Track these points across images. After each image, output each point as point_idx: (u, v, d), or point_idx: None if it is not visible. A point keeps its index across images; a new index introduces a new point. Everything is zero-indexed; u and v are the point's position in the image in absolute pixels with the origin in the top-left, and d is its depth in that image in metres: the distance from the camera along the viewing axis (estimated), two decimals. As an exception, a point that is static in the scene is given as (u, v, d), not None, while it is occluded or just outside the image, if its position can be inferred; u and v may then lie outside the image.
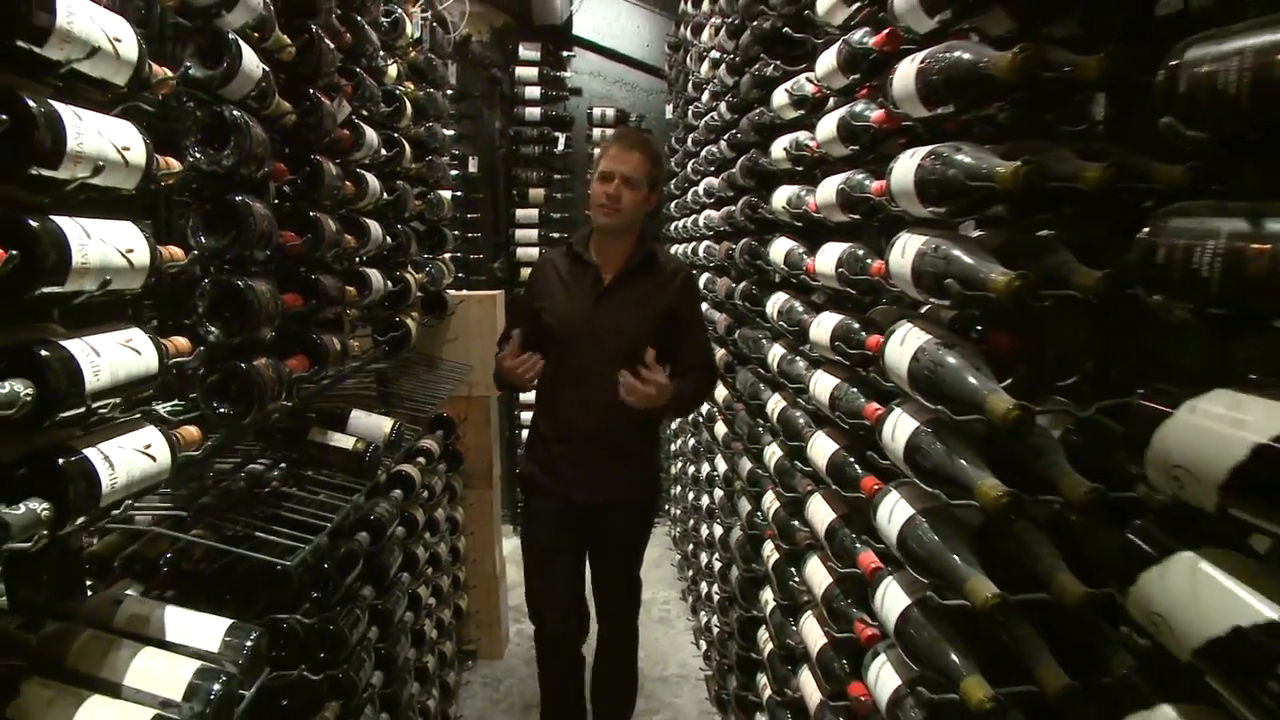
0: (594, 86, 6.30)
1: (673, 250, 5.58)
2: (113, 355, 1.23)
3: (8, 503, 1.10)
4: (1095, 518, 1.24)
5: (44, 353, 1.12)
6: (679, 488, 5.51)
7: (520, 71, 6.06)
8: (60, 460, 1.17)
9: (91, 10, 1.20)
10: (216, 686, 1.42)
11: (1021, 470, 1.33)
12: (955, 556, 1.39)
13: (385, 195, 2.84)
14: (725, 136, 3.65)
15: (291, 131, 2.08)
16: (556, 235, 6.15)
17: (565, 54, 6.11)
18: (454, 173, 5.07)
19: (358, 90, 2.55)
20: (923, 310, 1.75)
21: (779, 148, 2.68)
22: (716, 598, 3.89)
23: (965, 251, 1.38)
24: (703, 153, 4.24)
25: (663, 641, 4.70)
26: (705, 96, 4.16)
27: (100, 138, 1.19)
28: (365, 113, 2.68)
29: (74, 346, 1.16)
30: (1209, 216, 0.79)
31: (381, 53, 2.82)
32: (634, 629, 3.32)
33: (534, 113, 6.10)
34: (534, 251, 6.16)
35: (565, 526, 3.04)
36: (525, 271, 6.15)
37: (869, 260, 1.90)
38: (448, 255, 4.07)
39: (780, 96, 2.63)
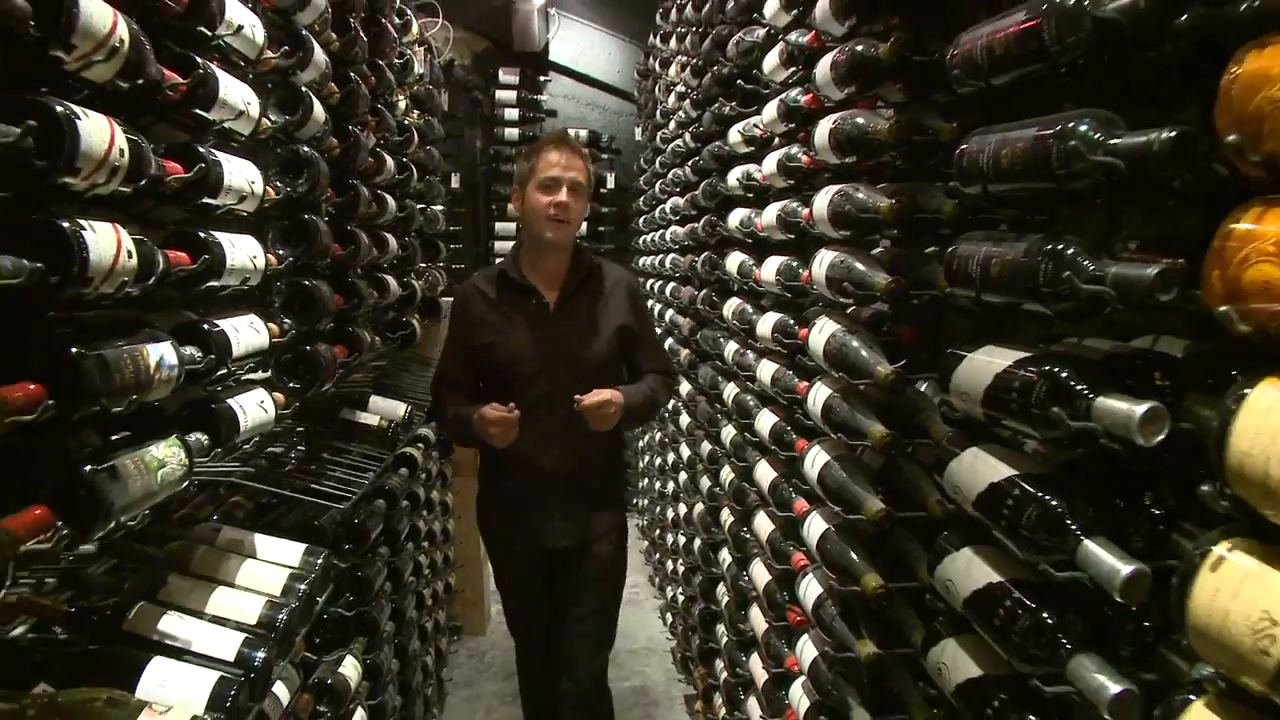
0: (568, 109, 6.81)
1: (642, 262, 6.10)
2: (246, 334, 1.71)
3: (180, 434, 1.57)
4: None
5: (208, 329, 1.60)
6: (646, 479, 6.00)
7: (500, 94, 6.57)
8: (214, 406, 1.65)
9: (236, 85, 1.68)
10: (304, 586, 1.89)
11: (903, 421, 1.83)
12: (856, 486, 1.89)
13: (398, 212, 3.32)
14: (690, 162, 4.15)
15: (334, 161, 2.56)
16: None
17: (542, 78, 6.62)
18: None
19: (380, 124, 3.04)
20: (847, 310, 2.26)
21: (733, 177, 3.18)
22: (681, 569, 4.38)
23: (862, 263, 1.90)
24: (670, 174, 4.74)
25: (633, 620, 5.13)
26: (672, 125, 4.67)
27: (240, 176, 1.68)
28: (383, 142, 3.16)
29: (225, 325, 1.64)
30: (977, 242, 1.30)
31: (396, 89, 3.31)
32: (604, 671, 2.91)
33: (513, 133, 6.61)
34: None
35: (535, 575, 2.80)
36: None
37: (800, 270, 2.40)
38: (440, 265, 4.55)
39: (735, 134, 3.14)
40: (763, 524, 2.73)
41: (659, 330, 4.45)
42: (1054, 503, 1.10)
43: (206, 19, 1.53)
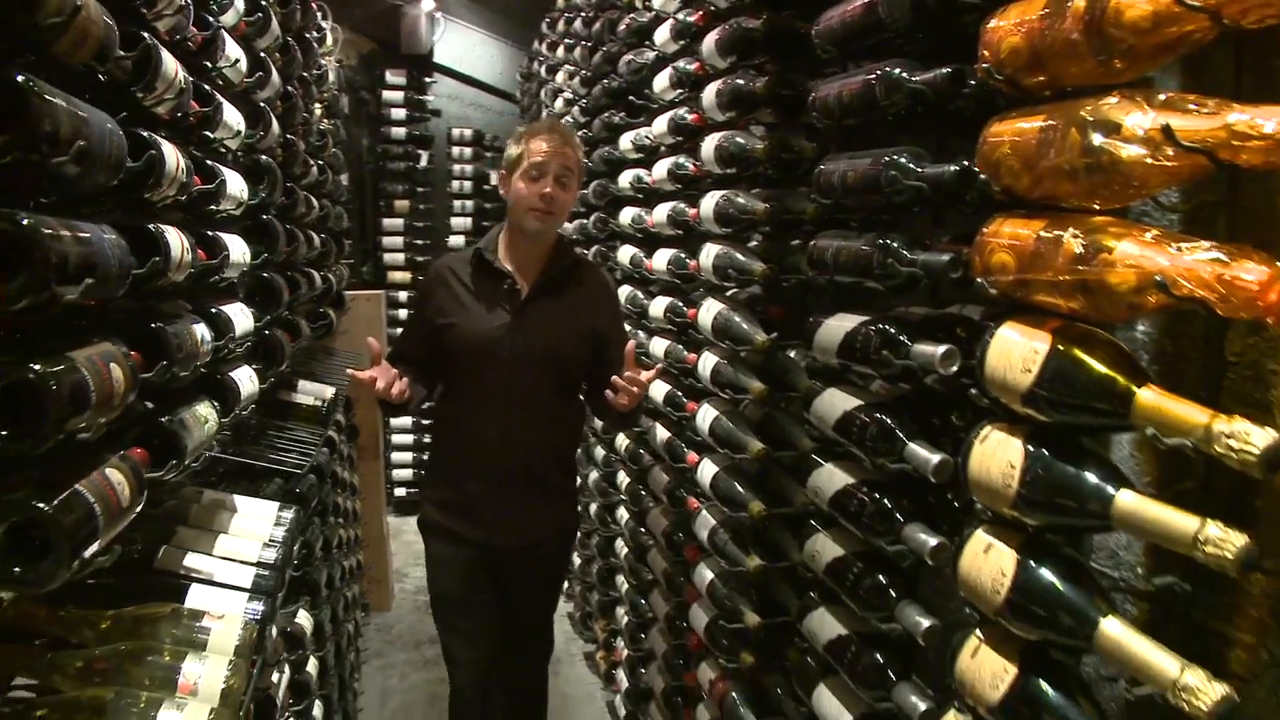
0: (452, 109, 7.11)
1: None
2: (240, 317, 2.04)
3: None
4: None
5: (215, 312, 1.94)
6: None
7: (386, 94, 6.82)
8: (219, 377, 1.98)
9: (230, 108, 2.01)
10: (284, 533, 2.23)
11: (777, 379, 2.30)
12: (741, 432, 2.35)
13: (319, 212, 3.63)
14: (578, 164, 4.56)
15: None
16: (420, 243, 6.92)
17: (427, 79, 6.90)
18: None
19: (306, 130, 3.34)
20: (727, 293, 2.71)
21: (625, 179, 3.62)
22: (578, 536, 4.80)
23: (741, 254, 2.36)
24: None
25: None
26: (560, 128, 5.05)
27: (236, 186, 2.01)
28: (306, 147, 3.46)
29: (227, 310, 1.97)
30: (831, 237, 1.78)
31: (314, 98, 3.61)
32: (544, 674, 2.97)
33: (399, 132, 6.87)
34: (400, 257, 6.91)
35: (482, 574, 2.67)
36: (394, 275, 6.91)
37: (688, 260, 2.85)
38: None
39: (627, 142, 3.56)
40: (658, 478, 3.18)
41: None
42: (887, 420, 1.57)
43: (213, 54, 1.86)
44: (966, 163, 1.41)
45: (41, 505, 1.00)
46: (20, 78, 1.02)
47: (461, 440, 2.61)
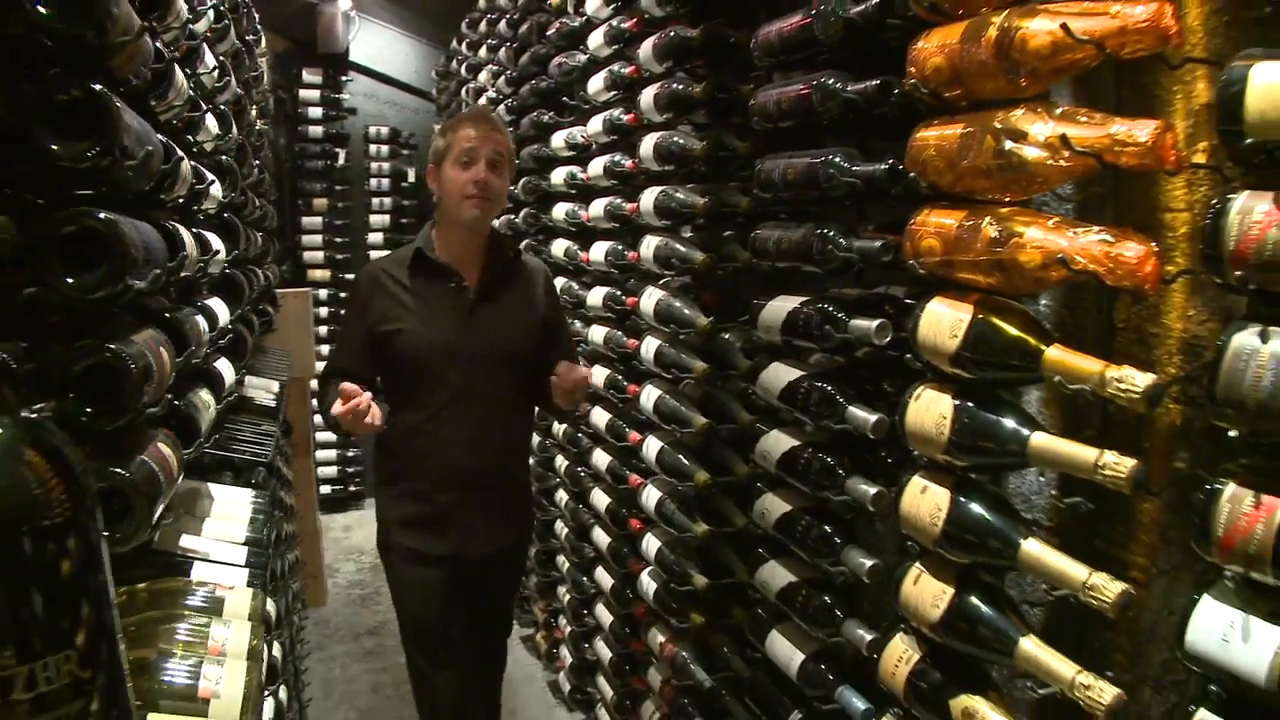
0: (368, 106, 7.15)
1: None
2: (220, 311, 2.16)
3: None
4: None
5: (204, 306, 2.05)
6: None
7: (303, 93, 6.82)
8: (207, 367, 2.09)
9: (209, 115, 2.12)
10: (263, 516, 2.34)
11: (717, 359, 2.50)
12: (685, 409, 2.55)
13: (260, 210, 3.70)
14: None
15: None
16: (339, 240, 6.94)
17: (343, 78, 6.93)
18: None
19: (249, 132, 3.42)
20: (663, 281, 2.91)
21: (558, 176, 3.78)
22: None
23: (681, 245, 2.56)
24: (481, 171, 5.26)
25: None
26: (483, 126, 5.18)
27: (216, 187, 2.12)
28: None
29: (211, 303, 2.09)
30: (772, 228, 1.99)
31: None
32: (505, 648, 2.91)
33: (316, 130, 6.88)
34: (319, 255, 6.92)
35: (456, 592, 2.56)
36: (314, 274, 6.92)
37: (627, 251, 3.04)
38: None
39: (559, 140, 3.73)
40: (600, 458, 3.36)
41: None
42: (828, 387, 1.79)
43: (194, 62, 1.98)
44: (894, 161, 1.63)
45: (123, 471, 1.13)
46: (98, 88, 1.15)
47: (424, 450, 2.45)
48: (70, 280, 1.23)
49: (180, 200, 1.68)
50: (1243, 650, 1.02)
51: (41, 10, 1.09)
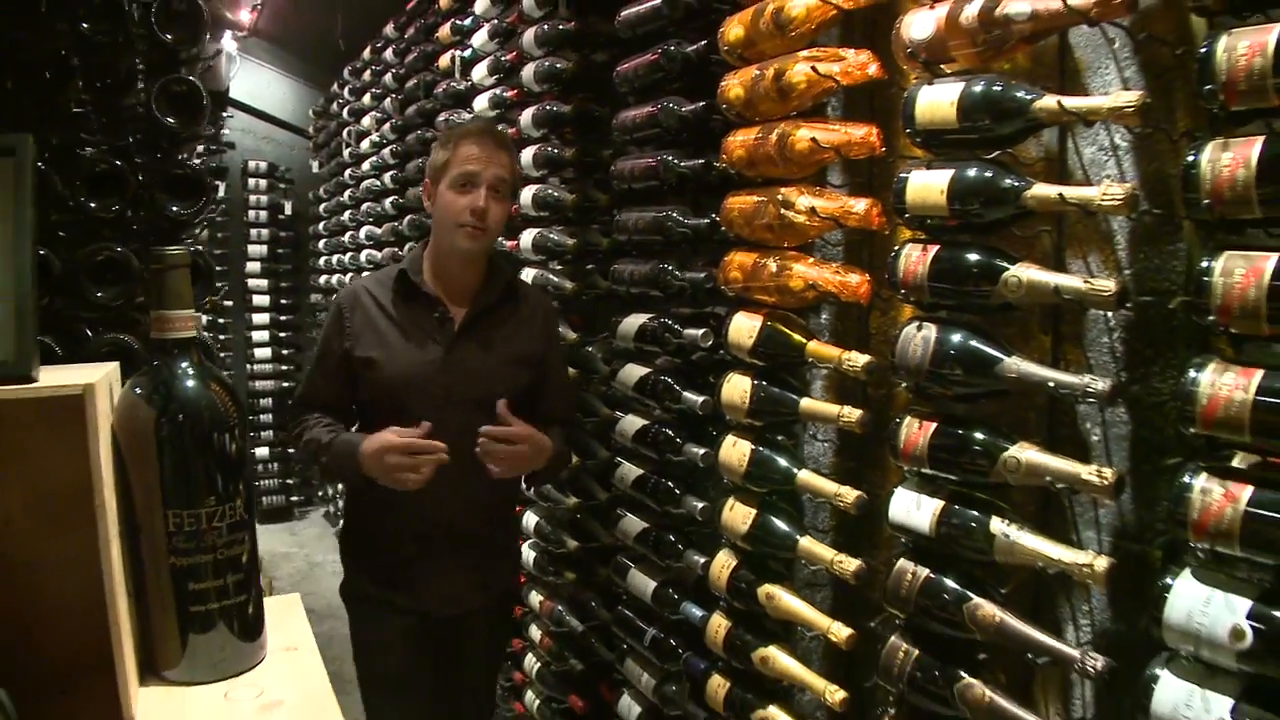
0: (246, 142, 7.51)
1: (322, 280, 7.00)
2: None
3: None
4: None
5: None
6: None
7: (180, 128, 7.13)
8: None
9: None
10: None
11: (584, 366, 3.12)
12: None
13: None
14: (390, 199, 5.22)
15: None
16: (219, 269, 7.24)
17: (223, 114, 7.26)
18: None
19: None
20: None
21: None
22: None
23: (554, 275, 3.18)
24: (363, 207, 5.76)
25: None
26: (366, 166, 5.69)
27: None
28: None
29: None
30: (626, 263, 2.64)
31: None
32: None
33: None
34: (195, 281, 7.20)
35: (420, 649, 2.41)
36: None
37: (508, 280, 3.64)
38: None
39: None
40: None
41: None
42: (669, 379, 2.45)
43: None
44: (714, 217, 2.30)
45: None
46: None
47: (388, 497, 2.22)
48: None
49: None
50: (916, 515, 1.70)
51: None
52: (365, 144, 5.65)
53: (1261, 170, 1.21)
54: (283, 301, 7.55)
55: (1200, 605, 1.31)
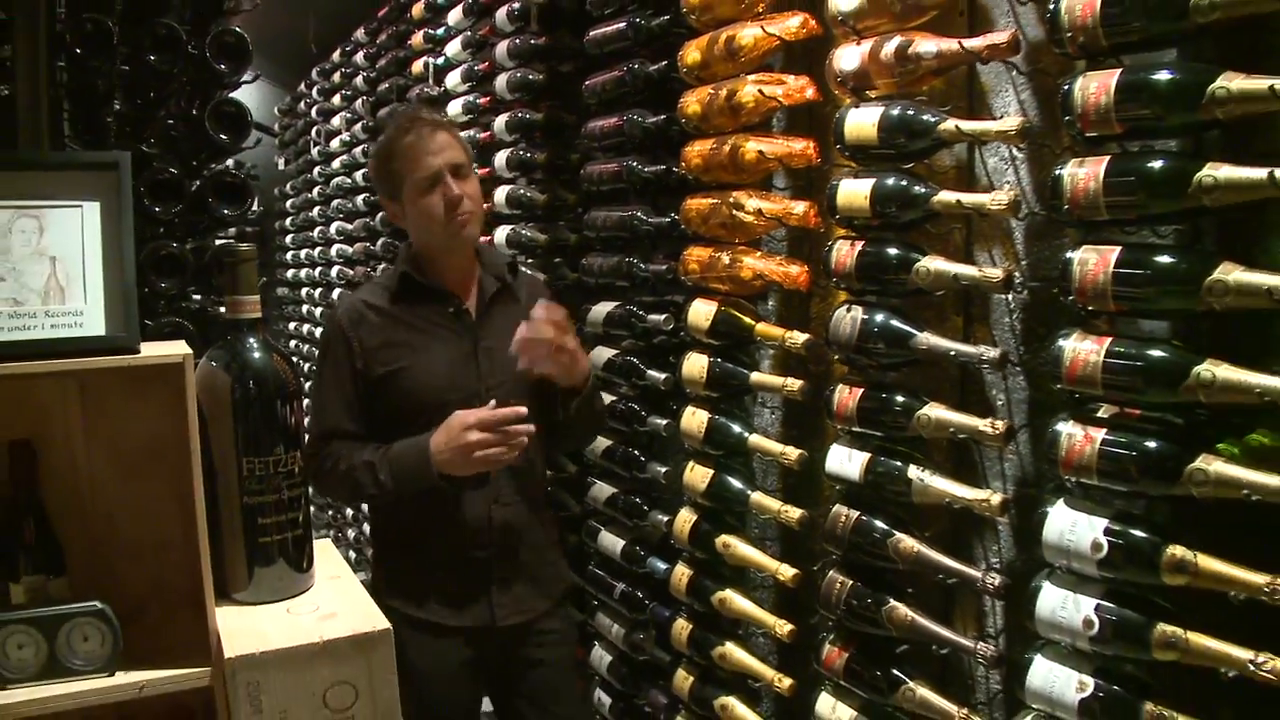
0: (209, 140, 7.65)
1: (290, 274, 7.21)
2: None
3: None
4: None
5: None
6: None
7: (147, 126, 7.28)
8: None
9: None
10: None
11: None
12: (533, 389, 3.46)
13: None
14: (361, 196, 5.46)
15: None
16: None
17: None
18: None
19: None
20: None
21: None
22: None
23: (526, 269, 3.47)
24: (333, 203, 5.99)
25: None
26: (336, 164, 5.91)
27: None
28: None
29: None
30: (595, 257, 2.95)
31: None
32: None
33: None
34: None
35: (482, 675, 2.24)
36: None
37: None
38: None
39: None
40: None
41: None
42: (635, 359, 2.76)
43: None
44: (674, 216, 2.62)
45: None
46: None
47: (431, 506, 2.12)
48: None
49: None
50: (848, 466, 2.03)
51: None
52: (335, 143, 5.88)
53: (1107, 183, 1.55)
54: (248, 295, 7.70)
55: (1069, 526, 1.65)
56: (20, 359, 1.34)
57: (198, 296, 2.78)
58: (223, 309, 1.58)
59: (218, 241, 2.50)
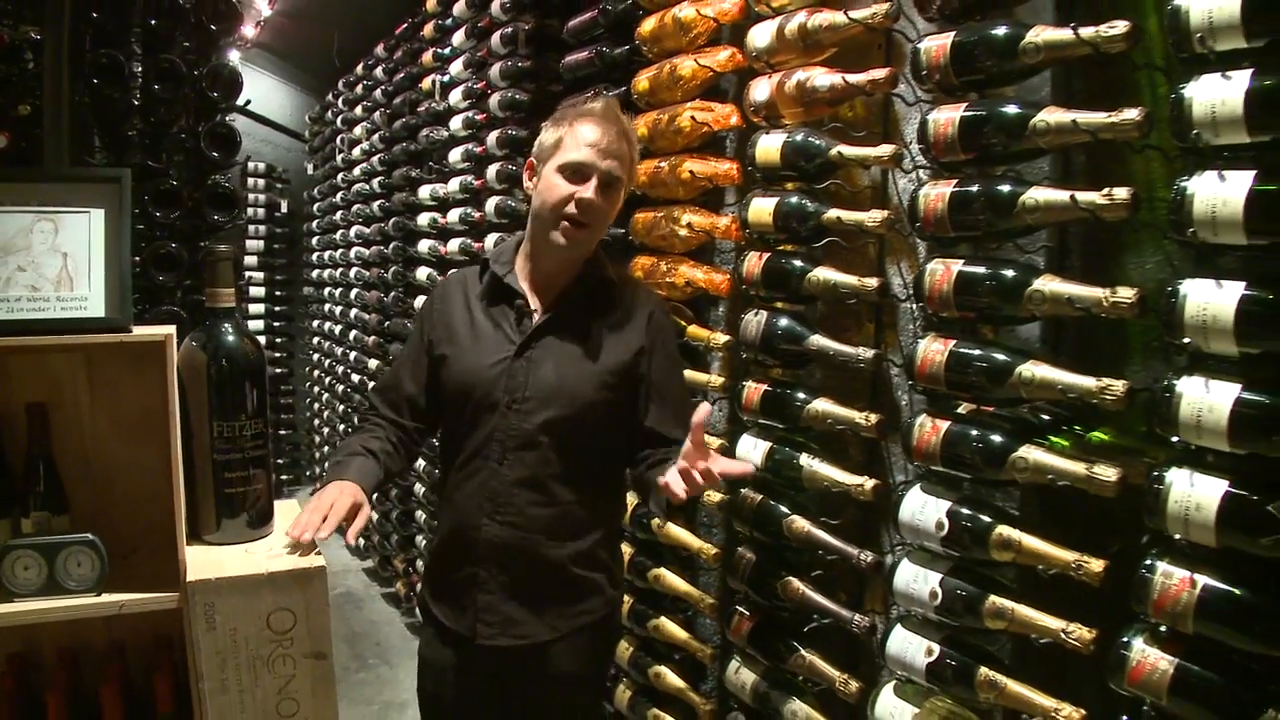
0: (246, 144, 7.94)
1: (315, 274, 7.57)
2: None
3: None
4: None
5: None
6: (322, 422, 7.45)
7: (186, 131, 7.71)
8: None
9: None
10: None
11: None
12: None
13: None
14: (377, 203, 5.80)
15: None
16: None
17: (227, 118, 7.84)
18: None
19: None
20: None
21: (423, 219, 4.93)
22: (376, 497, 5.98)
23: (515, 271, 3.78)
24: (354, 208, 6.34)
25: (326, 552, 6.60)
26: (357, 171, 6.27)
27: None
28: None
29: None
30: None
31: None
32: None
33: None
34: (196, 273, 7.78)
35: (481, 683, 2.08)
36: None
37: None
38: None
39: (424, 192, 4.88)
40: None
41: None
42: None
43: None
44: (625, 230, 2.90)
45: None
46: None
47: (452, 510, 2.07)
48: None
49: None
50: (754, 455, 2.30)
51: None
52: (357, 151, 6.22)
53: (952, 204, 1.81)
54: (278, 293, 8.11)
55: (919, 508, 1.90)
56: (36, 333, 1.65)
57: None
58: (204, 299, 1.88)
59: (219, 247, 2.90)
